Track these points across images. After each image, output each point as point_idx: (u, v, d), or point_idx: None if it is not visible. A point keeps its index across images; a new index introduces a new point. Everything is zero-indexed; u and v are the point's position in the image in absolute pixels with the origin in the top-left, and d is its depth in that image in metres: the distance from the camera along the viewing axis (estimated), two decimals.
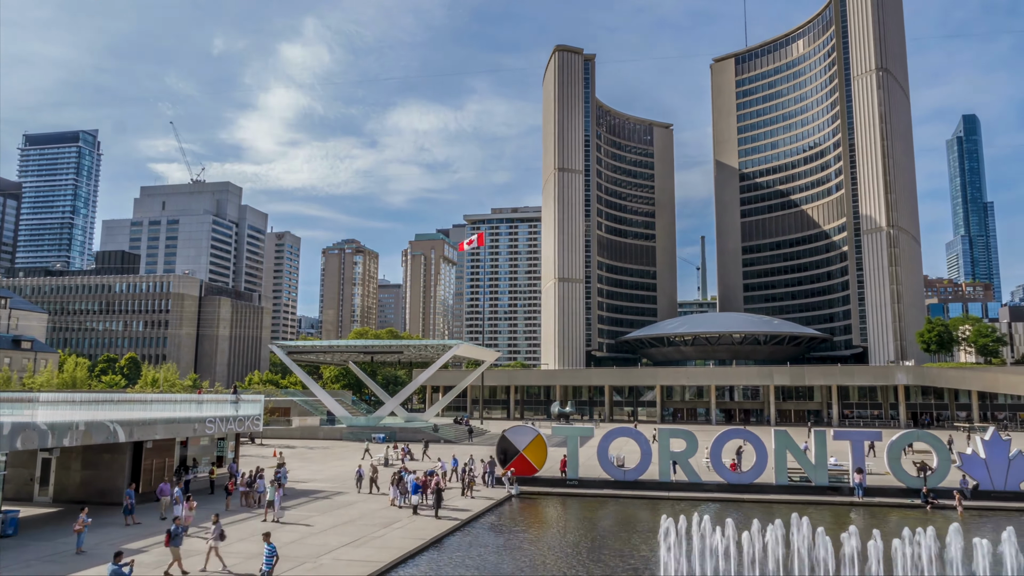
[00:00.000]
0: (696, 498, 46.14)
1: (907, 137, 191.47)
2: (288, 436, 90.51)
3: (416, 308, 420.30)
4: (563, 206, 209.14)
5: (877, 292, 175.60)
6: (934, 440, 46.55)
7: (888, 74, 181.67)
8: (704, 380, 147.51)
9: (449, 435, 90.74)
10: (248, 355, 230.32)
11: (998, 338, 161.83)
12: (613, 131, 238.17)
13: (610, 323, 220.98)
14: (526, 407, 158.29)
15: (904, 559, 24.83)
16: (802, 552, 26.10)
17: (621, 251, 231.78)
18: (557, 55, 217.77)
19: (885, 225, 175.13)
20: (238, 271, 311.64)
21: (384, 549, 31.18)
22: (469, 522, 38.48)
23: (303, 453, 73.23)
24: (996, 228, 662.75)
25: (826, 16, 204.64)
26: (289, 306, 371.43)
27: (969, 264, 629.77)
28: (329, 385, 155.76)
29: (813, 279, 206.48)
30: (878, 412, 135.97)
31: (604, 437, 51.25)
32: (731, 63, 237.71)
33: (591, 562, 30.58)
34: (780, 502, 44.47)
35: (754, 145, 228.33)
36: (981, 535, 25.69)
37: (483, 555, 31.83)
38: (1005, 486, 44.88)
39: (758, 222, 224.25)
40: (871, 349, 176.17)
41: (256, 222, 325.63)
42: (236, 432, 50.89)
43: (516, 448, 51.19)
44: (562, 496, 47.77)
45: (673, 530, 26.09)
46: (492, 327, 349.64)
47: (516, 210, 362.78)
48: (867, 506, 44.07)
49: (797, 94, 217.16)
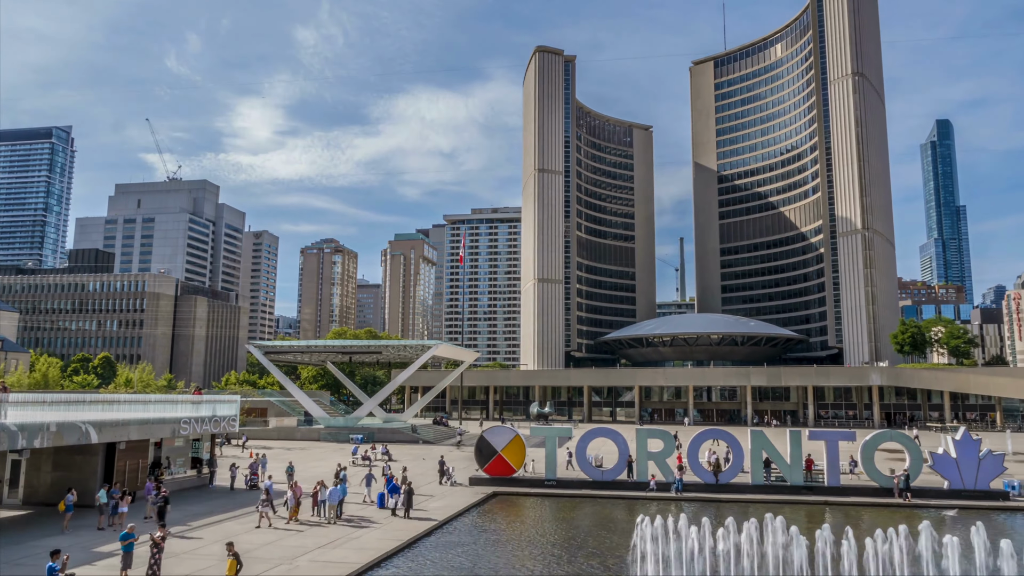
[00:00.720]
0: (674, 498, 46.39)
1: (882, 141, 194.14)
2: (265, 437, 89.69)
3: (395, 308, 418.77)
4: (543, 207, 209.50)
5: (852, 294, 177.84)
6: (906, 440, 47.19)
7: (864, 79, 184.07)
8: (682, 381, 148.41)
9: (428, 436, 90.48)
10: (225, 355, 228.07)
11: (969, 340, 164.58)
12: (593, 132, 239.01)
13: (589, 324, 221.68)
14: (505, 408, 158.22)
15: (877, 557, 25.14)
16: (776, 551, 26.33)
17: (600, 252, 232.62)
18: (538, 56, 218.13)
19: (860, 228, 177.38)
20: (215, 270, 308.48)
21: (361, 551, 31.00)
22: (446, 523, 38.38)
23: (280, 454, 72.57)
24: (968, 232, 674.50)
25: (804, 21, 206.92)
26: (267, 306, 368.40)
27: (942, 267, 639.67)
28: (307, 385, 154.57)
29: (790, 280, 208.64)
30: (853, 412, 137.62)
31: (583, 437, 51.40)
32: (710, 66, 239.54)
33: (567, 562, 30.64)
34: (756, 501, 44.85)
35: (733, 147, 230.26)
36: (952, 533, 26.08)
37: (460, 555, 31.76)
38: (975, 485, 45.62)
39: (736, 224, 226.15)
40: (846, 350, 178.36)
41: (233, 221, 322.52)
42: (212, 433, 50.38)
43: (494, 448, 51.16)
44: (540, 496, 47.82)
45: (649, 530, 26.20)
46: (472, 327, 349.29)
47: (496, 210, 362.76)
48: (841, 505, 44.58)
49: (775, 97, 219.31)
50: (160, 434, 44.39)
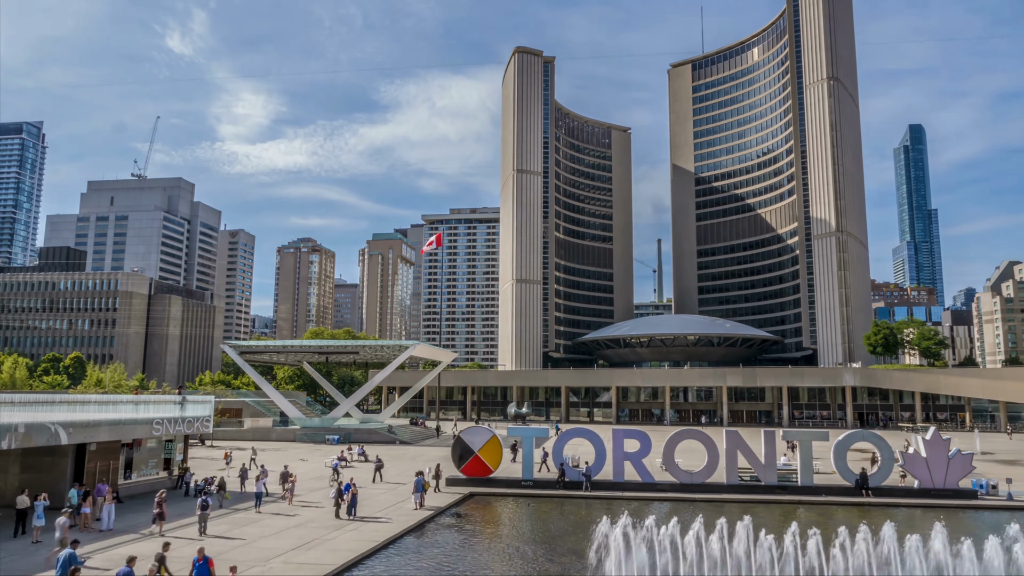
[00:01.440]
0: (649, 498, 46.68)
1: (856, 145, 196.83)
2: (240, 438, 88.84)
3: (373, 308, 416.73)
4: (522, 207, 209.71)
5: (826, 295, 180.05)
6: (878, 440, 47.87)
7: (838, 83, 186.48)
8: (659, 381, 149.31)
9: (405, 437, 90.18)
10: (199, 355, 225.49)
11: (940, 341, 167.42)
12: (572, 133, 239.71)
13: (567, 324, 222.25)
14: (483, 408, 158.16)
15: (847, 554, 25.48)
16: (747, 549, 26.55)
17: (579, 253, 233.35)
18: (517, 56, 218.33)
19: (835, 230, 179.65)
20: (190, 269, 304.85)
21: (334, 552, 30.81)
22: (422, 524, 38.28)
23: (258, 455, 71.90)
24: (940, 235, 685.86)
25: (780, 25, 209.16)
26: (243, 305, 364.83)
27: (914, 269, 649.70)
28: (283, 386, 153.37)
29: (766, 282, 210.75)
30: (827, 413, 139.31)
31: (559, 438, 51.51)
32: (688, 69, 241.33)
33: (544, 561, 30.69)
34: (731, 501, 45.27)
35: (710, 150, 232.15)
36: (917, 531, 26.49)
37: (435, 556, 31.70)
38: (944, 484, 46.39)
39: (713, 225, 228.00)
40: (820, 351, 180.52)
41: (209, 219, 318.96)
42: (185, 434, 49.80)
43: (471, 449, 51.12)
44: (516, 497, 47.85)
45: (621, 530, 26.31)
46: (450, 328, 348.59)
47: (475, 211, 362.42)
48: (813, 504, 45.11)
49: (752, 100, 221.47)
50: (132, 435, 43.79)
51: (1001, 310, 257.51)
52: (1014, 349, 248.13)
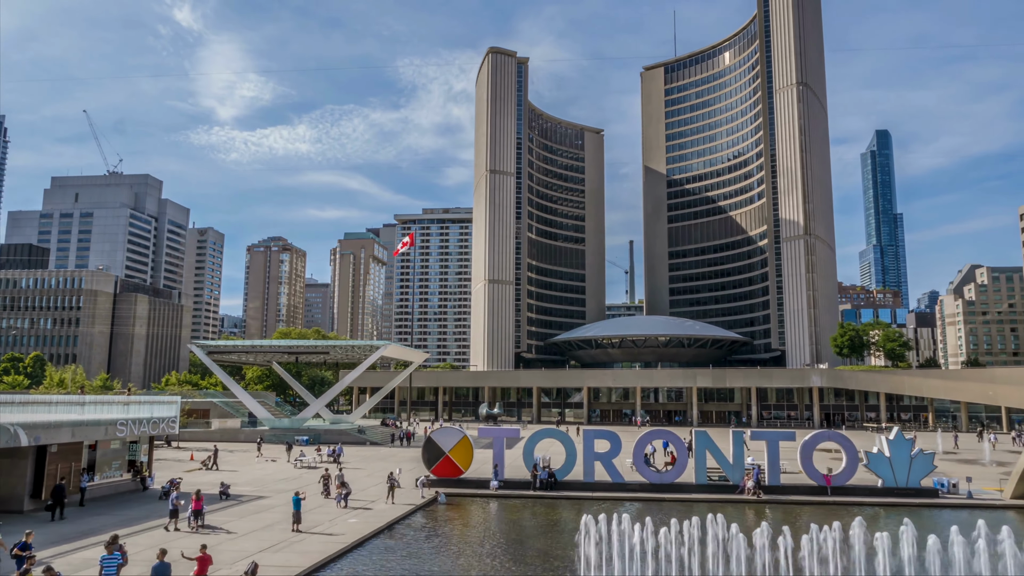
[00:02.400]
0: (619, 498, 46.91)
1: (824, 149, 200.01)
2: (207, 439, 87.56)
3: (344, 308, 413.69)
4: (494, 208, 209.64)
5: (795, 297, 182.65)
6: (843, 440, 48.64)
7: (808, 88, 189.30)
8: (630, 382, 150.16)
9: (375, 437, 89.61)
10: (166, 355, 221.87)
11: (904, 343, 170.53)
12: (545, 135, 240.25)
13: (539, 325, 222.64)
14: (454, 408, 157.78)
15: (811, 552, 25.84)
16: (716, 548, 26.81)
17: (551, 254, 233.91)
18: (491, 57, 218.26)
19: (803, 233, 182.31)
20: (157, 267, 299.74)
21: (304, 554, 30.49)
22: (392, 525, 38.05)
23: (222, 456, 70.95)
24: (905, 239, 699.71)
25: (751, 30, 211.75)
26: (211, 304, 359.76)
27: (880, 272, 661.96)
28: (252, 386, 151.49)
29: (736, 284, 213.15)
30: (794, 413, 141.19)
31: (530, 438, 51.54)
32: (660, 72, 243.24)
33: (513, 562, 30.67)
34: (700, 501, 45.68)
35: (682, 152, 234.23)
36: (881, 529, 26.94)
37: (405, 558, 31.52)
38: (907, 483, 47.26)
39: (685, 228, 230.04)
40: (788, 352, 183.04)
41: (177, 217, 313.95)
42: (150, 435, 48.95)
43: (442, 450, 50.96)
44: (487, 498, 47.79)
45: (592, 530, 26.40)
46: (422, 328, 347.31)
47: (448, 211, 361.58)
48: (779, 504, 45.68)
49: (723, 104, 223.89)
50: (94, 436, 42.92)
51: (963, 313, 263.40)
52: (975, 351, 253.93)
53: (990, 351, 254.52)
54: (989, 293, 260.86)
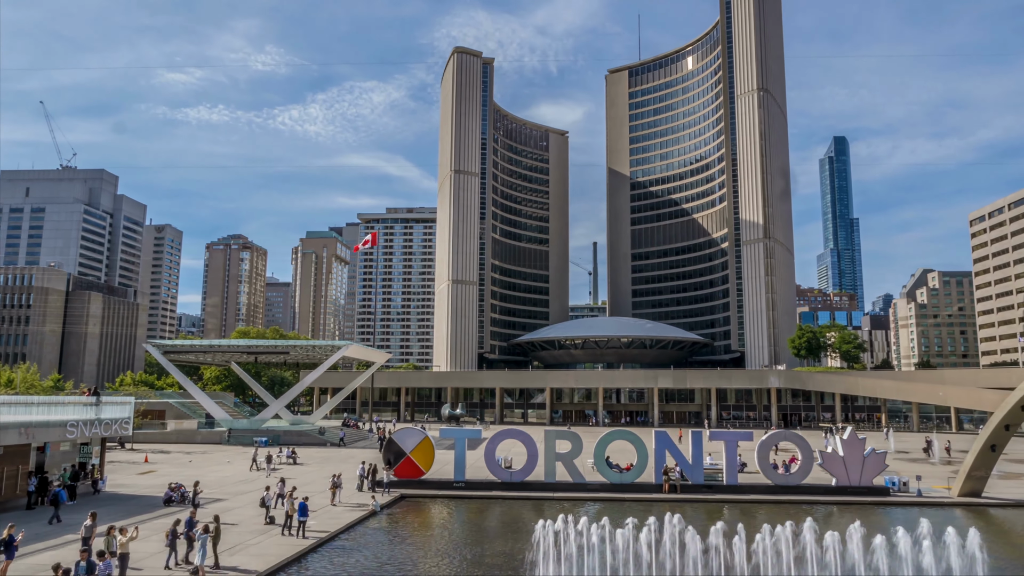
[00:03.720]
0: (580, 498, 47.12)
1: (784, 154, 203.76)
2: (163, 440, 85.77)
3: (306, 308, 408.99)
4: (459, 208, 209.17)
5: (754, 300, 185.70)
6: (799, 440, 49.52)
7: (768, 94, 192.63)
8: (592, 383, 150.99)
9: (335, 438, 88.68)
10: (121, 354, 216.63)
11: (859, 345, 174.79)
12: (510, 136, 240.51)
13: (503, 326, 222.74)
14: (417, 409, 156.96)
15: (764, 550, 26.26)
16: (673, 548, 27.08)
17: (515, 255, 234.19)
18: (456, 57, 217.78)
19: (763, 236, 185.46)
20: (112, 265, 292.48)
21: (259, 557, 30.02)
22: (352, 526, 37.66)
23: (178, 458, 69.61)
24: (861, 243, 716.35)
25: (714, 36, 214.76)
26: (168, 303, 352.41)
27: (837, 276, 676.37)
28: (210, 387, 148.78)
29: (697, 286, 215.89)
30: (753, 413, 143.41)
31: (492, 439, 51.47)
32: (625, 75, 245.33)
33: (473, 563, 30.60)
34: (659, 500, 46.11)
35: (645, 155, 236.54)
36: (833, 528, 27.49)
37: (365, 559, 31.23)
38: (860, 481, 48.32)
39: (648, 230, 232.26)
40: (748, 353, 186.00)
41: (133, 213, 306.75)
42: (102, 437, 47.73)
43: (403, 450, 50.63)
44: (448, 499, 47.62)
45: (551, 531, 26.47)
46: (384, 328, 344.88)
47: (412, 210, 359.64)
48: (737, 503, 46.35)
49: (686, 108, 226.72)
50: (44, 438, 41.70)
51: (915, 316, 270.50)
52: (926, 353, 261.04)
53: (940, 353, 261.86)
54: (940, 297, 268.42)
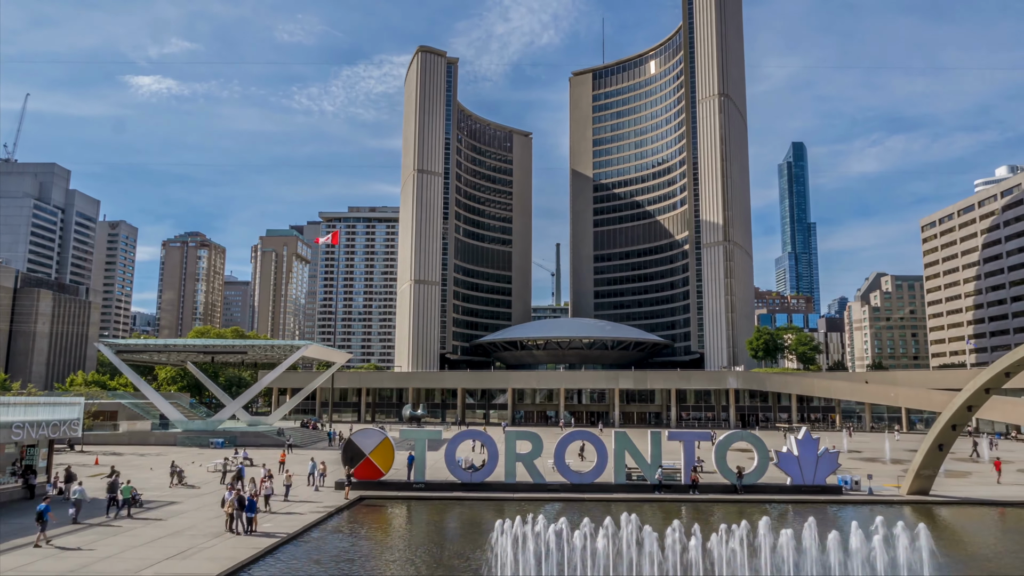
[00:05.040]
0: (540, 498, 47.22)
1: (744, 159, 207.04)
2: (115, 442, 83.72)
3: (265, 307, 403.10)
4: (421, 208, 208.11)
5: (714, 302, 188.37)
6: (755, 440, 50.36)
7: (729, 99, 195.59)
8: (554, 383, 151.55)
9: (295, 439, 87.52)
10: (72, 354, 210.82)
11: (815, 347, 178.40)
12: (474, 136, 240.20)
13: (465, 326, 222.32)
14: (378, 410, 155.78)
15: (719, 549, 26.61)
16: (630, 546, 27.28)
17: (478, 255, 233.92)
18: (420, 56, 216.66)
19: (722, 239, 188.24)
20: (63, 262, 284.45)
21: (213, 561, 29.45)
22: (308, 529, 37.17)
23: (131, 460, 68.01)
24: (818, 247, 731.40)
25: (676, 41, 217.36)
26: (122, 301, 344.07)
27: (794, 278, 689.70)
28: (165, 387, 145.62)
29: (658, 288, 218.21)
30: (712, 414, 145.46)
31: (452, 440, 51.29)
32: (589, 78, 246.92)
33: (431, 564, 30.44)
34: (619, 500, 46.45)
35: (608, 158, 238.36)
36: (788, 526, 28.01)
37: (320, 562, 30.85)
38: (814, 480, 49.30)
39: (610, 232, 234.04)
40: (707, 355, 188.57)
41: (86, 209, 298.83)
42: (50, 438, 46.36)
43: (362, 452, 50.15)
44: (408, 500, 47.33)
45: (509, 531, 26.46)
46: (346, 328, 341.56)
47: (374, 209, 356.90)
48: (695, 502, 46.93)
49: (648, 112, 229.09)
50: None
51: (869, 318, 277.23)
52: (879, 355, 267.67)
53: (893, 355, 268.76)
54: (892, 300, 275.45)
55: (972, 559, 33.42)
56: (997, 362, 46.89)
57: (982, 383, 46.70)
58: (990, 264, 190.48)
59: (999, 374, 46.33)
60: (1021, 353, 45.32)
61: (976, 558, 33.71)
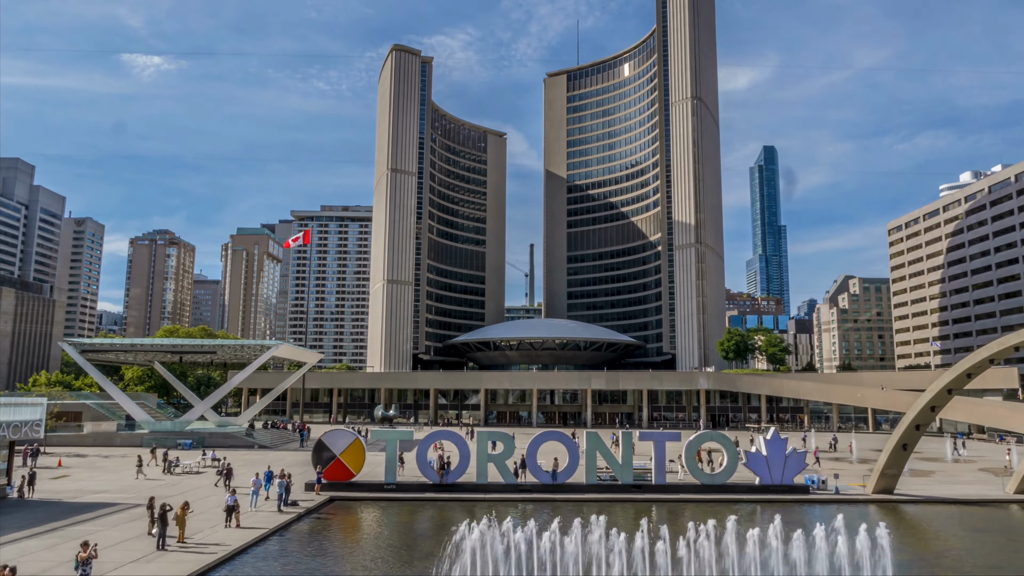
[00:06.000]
0: (512, 499, 47.23)
1: (716, 161, 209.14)
2: (79, 443, 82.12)
3: (236, 306, 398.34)
4: (395, 207, 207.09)
5: (686, 303, 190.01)
6: (724, 440, 50.87)
7: (701, 103, 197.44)
8: (527, 384, 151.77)
9: (264, 440, 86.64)
10: (35, 353, 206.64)
11: (784, 348, 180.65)
12: (448, 135, 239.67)
13: (438, 327, 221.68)
14: (350, 410, 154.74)
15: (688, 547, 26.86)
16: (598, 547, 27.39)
17: (452, 255, 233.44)
18: (394, 55, 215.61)
19: (694, 241, 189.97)
20: (26, 259, 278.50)
21: (178, 563, 29.02)
22: (278, 530, 36.79)
23: (95, 462, 66.78)
24: (788, 249, 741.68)
25: (650, 44, 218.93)
26: (88, 300, 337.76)
27: (765, 280, 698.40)
28: (132, 387, 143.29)
29: (631, 289, 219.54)
30: (683, 415, 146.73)
31: (424, 441, 51.12)
32: (563, 79, 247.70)
33: (400, 564, 30.30)
34: (590, 500, 46.61)
35: (582, 159, 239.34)
36: (756, 526, 28.30)
37: (289, 564, 30.54)
38: (782, 480, 49.93)
39: (584, 233, 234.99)
40: (679, 356, 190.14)
41: (51, 205, 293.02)
42: (10, 440, 45.35)
43: (333, 453, 49.78)
44: (378, 501, 47.07)
45: (476, 532, 26.41)
46: (317, 328, 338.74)
47: (347, 208, 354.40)
48: (666, 502, 47.28)
49: (623, 114, 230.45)
50: None
51: (837, 320, 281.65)
52: (847, 356, 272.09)
53: (860, 356, 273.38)
54: (860, 302, 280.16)
55: (936, 556, 34.06)
56: (959, 364, 47.92)
57: (945, 384, 47.68)
58: (954, 267, 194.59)
59: (961, 375, 47.35)
60: (982, 355, 46.36)
61: (938, 555, 34.37)
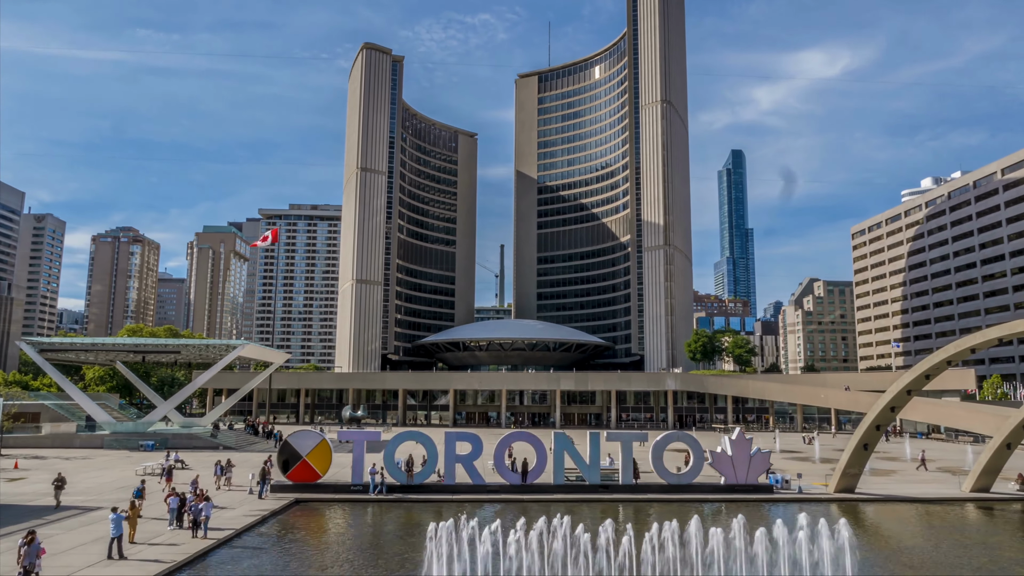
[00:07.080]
0: (480, 499, 47.24)
1: (684, 165, 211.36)
2: (37, 445, 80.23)
3: (201, 305, 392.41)
4: (364, 206, 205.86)
5: (654, 305, 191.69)
6: (691, 440, 51.43)
7: (671, 106, 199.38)
8: (496, 384, 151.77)
9: (230, 441, 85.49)
10: None
11: (751, 349, 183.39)
12: (419, 135, 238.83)
13: (407, 327, 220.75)
14: (317, 411, 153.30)
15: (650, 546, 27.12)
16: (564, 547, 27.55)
17: (421, 255, 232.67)
18: (365, 53, 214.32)
19: (663, 243, 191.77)
20: None
21: (142, 565, 28.56)
22: (242, 532, 36.38)
23: (54, 464, 65.29)
24: (755, 252, 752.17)
25: (621, 47, 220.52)
26: (48, 298, 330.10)
27: (732, 283, 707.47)
28: (93, 387, 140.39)
29: (600, 290, 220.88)
30: (651, 415, 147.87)
31: (392, 441, 50.86)
32: (535, 80, 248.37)
33: (367, 565, 30.16)
34: (558, 501, 46.79)
35: (553, 160, 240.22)
36: (719, 524, 28.72)
37: (254, 567, 30.23)
38: (747, 479, 50.63)
39: (554, 234, 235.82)
40: (647, 357, 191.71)
41: (10, 201, 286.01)
42: None
43: (299, 454, 49.27)
44: (345, 503, 46.74)
45: (443, 533, 26.42)
46: (285, 327, 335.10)
47: (316, 207, 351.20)
48: (632, 502, 47.67)
49: (593, 116, 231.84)
50: None
51: (802, 322, 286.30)
52: (811, 357, 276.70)
53: (824, 357, 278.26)
54: (824, 305, 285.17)
55: (894, 553, 34.84)
56: (917, 365, 49.06)
57: (904, 385, 48.78)
58: (915, 271, 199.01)
59: (919, 376, 48.48)
60: (940, 357, 47.54)
61: (896, 551, 35.16)
